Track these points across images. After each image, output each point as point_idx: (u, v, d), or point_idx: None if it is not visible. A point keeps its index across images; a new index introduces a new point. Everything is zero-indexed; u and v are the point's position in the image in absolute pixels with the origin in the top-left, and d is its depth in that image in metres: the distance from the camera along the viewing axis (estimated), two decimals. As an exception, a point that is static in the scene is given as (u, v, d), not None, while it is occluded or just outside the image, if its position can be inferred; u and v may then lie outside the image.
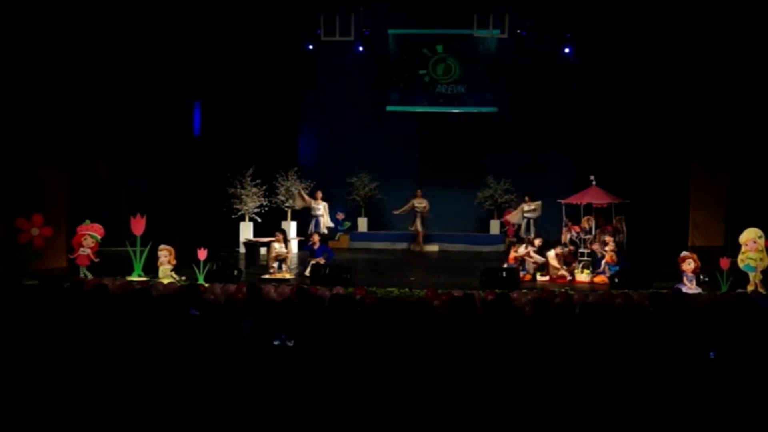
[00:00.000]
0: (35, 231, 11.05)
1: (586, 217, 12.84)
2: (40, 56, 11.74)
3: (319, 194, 15.46)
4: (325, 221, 15.20)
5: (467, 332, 5.48)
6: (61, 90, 12.26)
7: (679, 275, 10.97)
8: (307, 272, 11.84)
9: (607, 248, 11.92)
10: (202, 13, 14.87)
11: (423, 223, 16.06)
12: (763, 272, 10.77)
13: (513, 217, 15.87)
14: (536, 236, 13.43)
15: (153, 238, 11.46)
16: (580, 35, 16.48)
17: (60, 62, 12.14)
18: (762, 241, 10.77)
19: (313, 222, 15.10)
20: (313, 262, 11.93)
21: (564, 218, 13.16)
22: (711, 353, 4.97)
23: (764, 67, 13.24)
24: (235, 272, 11.17)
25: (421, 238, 16.18)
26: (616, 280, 11.16)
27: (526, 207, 15.10)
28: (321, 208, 15.20)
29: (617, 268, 11.71)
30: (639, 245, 13.59)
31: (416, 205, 16.03)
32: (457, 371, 4.56)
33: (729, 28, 13.33)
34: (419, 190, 16.20)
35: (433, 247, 16.47)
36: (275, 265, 11.94)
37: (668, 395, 4.32)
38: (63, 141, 12.43)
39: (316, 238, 12.53)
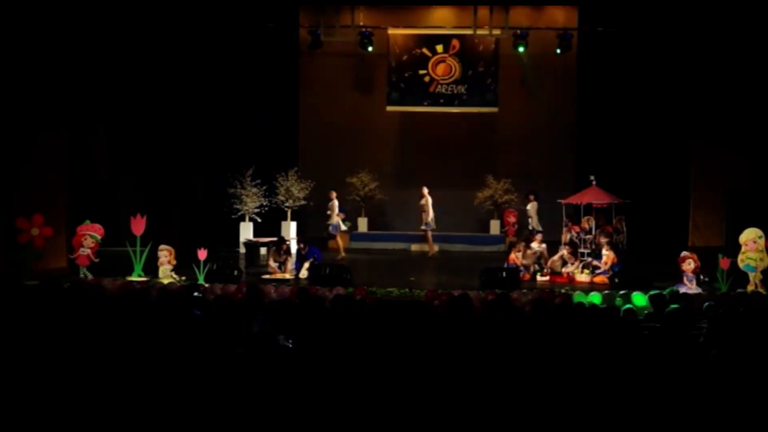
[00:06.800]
0: (35, 231, 11.05)
1: (586, 217, 12.85)
2: (40, 56, 11.74)
3: (333, 194, 15.22)
4: (334, 220, 14.97)
5: (467, 332, 5.49)
6: (61, 90, 12.27)
7: (679, 275, 10.97)
8: (302, 274, 11.82)
9: (603, 251, 11.91)
10: (202, 14, 14.88)
11: (423, 222, 15.54)
12: (763, 272, 10.78)
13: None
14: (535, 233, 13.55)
15: (153, 238, 11.47)
16: (580, 35, 16.49)
17: (60, 62, 12.14)
18: (762, 241, 10.78)
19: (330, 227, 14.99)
20: (306, 264, 11.93)
21: (564, 218, 13.17)
22: (711, 354, 4.97)
23: (763, 67, 13.25)
24: (235, 272, 11.17)
25: (426, 238, 15.67)
26: (616, 280, 11.16)
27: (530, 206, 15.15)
28: (334, 207, 14.99)
29: (618, 267, 11.72)
30: (639, 245, 13.59)
31: (420, 203, 15.72)
32: (457, 371, 4.56)
33: (728, 28, 13.34)
34: (424, 189, 15.54)
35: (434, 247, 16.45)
36: (275, 265, 11.98)
37: (668, 395, 4.32)
38: (63, 141, 12.44)
39: (302, 245, 12.42)
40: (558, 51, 16.49)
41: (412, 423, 4.17)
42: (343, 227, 15.18)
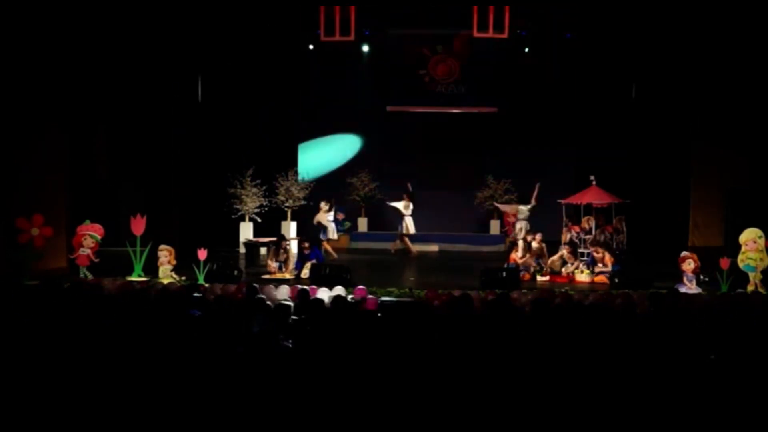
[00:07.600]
0: (35, 231, 11.04)
1: (586, 217, 12.85)
2: (40, 56, 11.74)
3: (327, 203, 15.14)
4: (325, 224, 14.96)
5: (467, 332, 5.49)
6: (61, 90, 12.27)
7: (679, 275, 10.97)
8: (303, 274, 11.83)
9: (597, 254, 11.90)
10: (203, 14, 14.87)
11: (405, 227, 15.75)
12: (763, 272, 10.77)
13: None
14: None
15: (153, 238, 11.47)
16: (579, 35, 16.49)
17: (60, 62, 12.14)
18: (762, 241, 10.77)
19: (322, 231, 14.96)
20: (308, 264, 11.94)
21: (564, 218, 13.17)
22: (711, 354, 4.96)
23: (763, 67, 13.25)
24: (235, 272, 11.17)
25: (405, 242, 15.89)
26: (616, 280, 11.17)
27: (522, 208, 15.12)
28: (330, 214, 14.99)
29: (617, 267, 11.72)
30: (639, 245, 13.59)
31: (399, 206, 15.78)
32: (457, 371, 4.56)
33: (728, 28, 13.34)
34: (405, 196, 15.78)
35: (433, 247, 16.47)
36: (275, 265, 11.98)
37: (668, 395, 4.32)
38: (63, 141, 12.44)
39: (306, 244, 12.47)
40: (556, 51, 16.51)
41: (412, 423, 4.17)
42: (332, 235, 15.10)
